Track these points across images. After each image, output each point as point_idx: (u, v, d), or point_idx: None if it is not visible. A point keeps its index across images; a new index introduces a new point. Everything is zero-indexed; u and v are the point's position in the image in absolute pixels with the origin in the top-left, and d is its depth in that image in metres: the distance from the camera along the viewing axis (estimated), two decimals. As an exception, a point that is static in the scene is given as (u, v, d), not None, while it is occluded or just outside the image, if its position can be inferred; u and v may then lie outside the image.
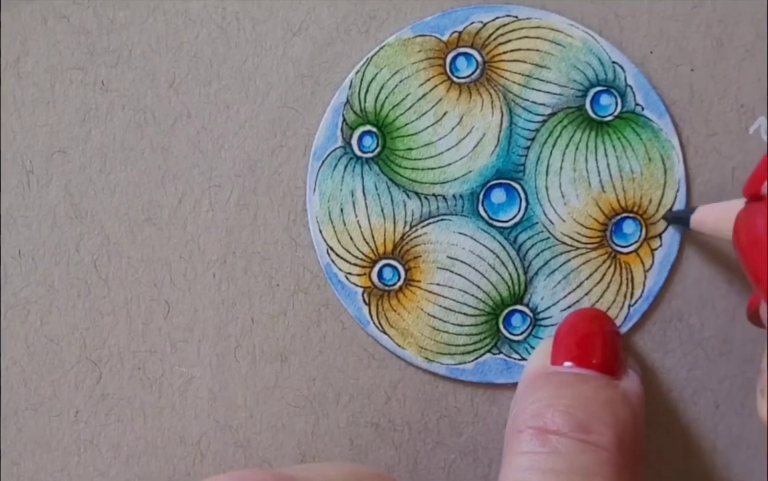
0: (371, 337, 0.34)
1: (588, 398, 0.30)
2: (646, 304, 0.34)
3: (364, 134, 0.34)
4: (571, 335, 0.32)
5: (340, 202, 0.34)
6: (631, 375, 0.32)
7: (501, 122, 0.34)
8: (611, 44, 0.34)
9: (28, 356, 0.35)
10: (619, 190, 0.34)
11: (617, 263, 0.34)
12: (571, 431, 0.29)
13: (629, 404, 0.31)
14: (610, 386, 0.31)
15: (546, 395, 0.30)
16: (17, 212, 0.35)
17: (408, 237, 0.34)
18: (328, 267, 0.34)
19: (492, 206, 0.34)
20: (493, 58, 0.34)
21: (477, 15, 0.34)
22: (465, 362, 0.34)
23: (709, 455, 0.34)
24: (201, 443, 0.35)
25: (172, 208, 0.35)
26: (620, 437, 0.29)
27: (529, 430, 0.30)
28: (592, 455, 0.29)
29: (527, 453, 0.29)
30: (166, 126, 0.35)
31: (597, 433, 0.29)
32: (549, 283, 0.34)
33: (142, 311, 0.35)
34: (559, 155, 0.34)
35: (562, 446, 0.29)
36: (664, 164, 0.34)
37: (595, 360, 0.31)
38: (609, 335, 0.32)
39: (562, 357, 0.32)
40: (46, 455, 0.35)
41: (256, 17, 0.35)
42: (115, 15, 0.35)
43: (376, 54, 0.34)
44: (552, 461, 0.29)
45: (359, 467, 0.33)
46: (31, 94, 0.35)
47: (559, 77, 0.34)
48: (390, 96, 0.34)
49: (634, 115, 0.34)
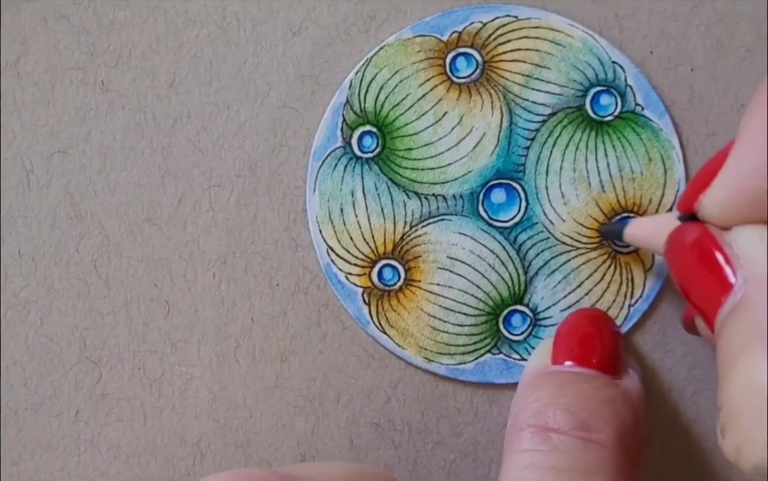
0: (371, 337, 0.34)
1: (589, 396, 0.30)
2: (646, 304, 0.34)
3: (364, 134, 0.34)
4: (571, 334, 0.32)
5: (340, 203, 0.34)
6: (631, 375, 0.32)
7: (501, 122, 0.34)
8: (611, 44, 0.34)
9: (28, 356, 0.35)
10: (619, 190, 0.34)
11: (617, 263, 0.34)
12: (572, 430, 0.29)
13: (630, 403, 0.30)
14: (610, 385, 0.31)
15: (547, 393, 0.30)
16: (17, 212, 0.35)
17: (408, 237, 0.34)
18: (328, 267, 0.34)
19: (492, 206, 0.34)
20: (493, 58, 0.34)
21: (477, 15, 0.34)
22: (465, 362, 0.34)
23: (709, 455, 0.34)
24: (201, 443, 0.35)
25: (172, 208, 0.35)
26: (621, 435, 0.29)
27: (530, 428, 0.29)
28: (593, 453, 0.29)
29: (528, 451, 0.29)
30: (166, 126, 0.35)
31: (598, 431, 0.29)
32: (549, 283, 0.34)
33: (142, 311, 0.35)
34: (559, 155, 0.34)
35: (563, 444, 0.29)
36: (664, 164, 0.34)
37: (595, 360, 0.31)
38: (609, 335, 0.32)
39: (562, 357, 0.32)
40: (46, 455, 0.35)
41: (256, 17, 0.35)
42: (115, 15, 0.35)
43: (375, 54, 0.34)
44: (553, 459, 0.29)
45: (360, 466, 0.33)
46: (31, 94, 0.35)
47: (559, 77, 0.34)
48: (390, 96, 0.34)
49: (634, 115, 0.34)
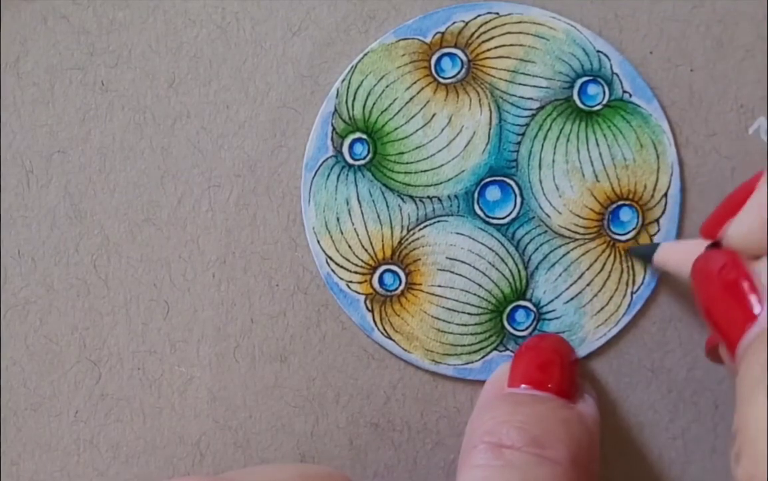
0: (377, 343, 0.34)
1: (544, 416, 0.30)
2: (648, 290, 0.34)
3: (355, 142, 0.34)
4: (529, 361, 0.32)
5: (336, 212, 0.34)
6: (587, 399, 0.32)
7: (490, 119, 0.34)
8: (594, 33, 0.34)
9: (28, 356, 0.35)
10: (613, 178, 0.34)
11: (617, 252, 0.34)
12: (526, 446, 0.29)
13: (585, 425, 0.30)
14: (566, 407, 0.31)
15: (502, 412, 0.30)
16: (17, 212, 0.35)
17: (406, 241, 0.34)
18: (329, 277, 0.34)
19: (487, 204, 0.34)
20: (478, 57, 0.34)
21: (458, 14, 0.34)
22: (472, 361, 0.34)
23: (708, 456, 0.34)
24: (200, 443, 0.35)
25: (172, 208, 0.35)
26: (575, 454, 0.29)
27: (484, 444, 0.29)
28: (547, 470, 0.29)
29: (481, 466, 0.29)
30: (165, 126, 0.35)
31: (552, 448, 0.29)
32: (550, 276, 0.34)
33: (142, 311, 0.35)
34: (550, 148, 0.34)
35: (516, 459, 0.29)
36: (656, 149, 0.34)
37: (551, 384, 0.31)
38: (566, 361, 0.32)
39: (519, 380, 0.32)
40: (45, 455, 0.35)
41: (256, 17, 0.35)
42: (115, 15, 0.35)
43: (360, 61, 0.34)
44: (506, 474, 0.28)
45: (307, 466, 0.33)
46: (31, 94, 0.35)
47: (544, 70, 0.34)
48: (377, 102, 0.34)
49: (623, 102, 0.34)
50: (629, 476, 0.35)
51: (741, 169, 0.34)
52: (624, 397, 0.35)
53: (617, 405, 0.35)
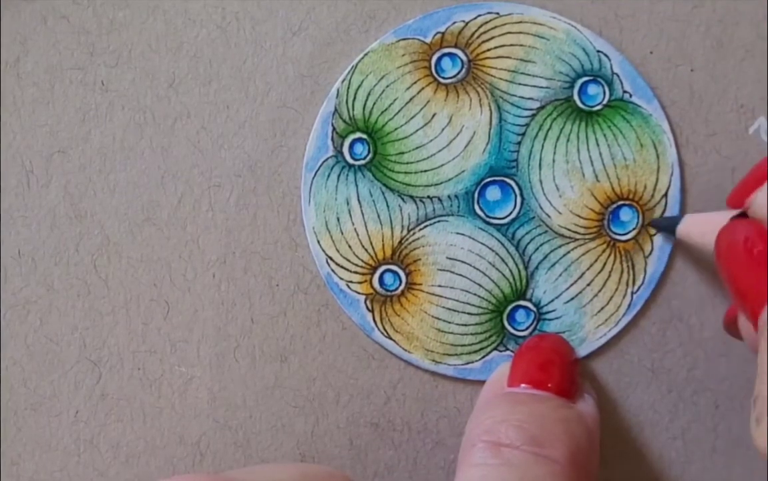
0: (377, 343, 0.34)
1: (542, 415, 0.30)
2: (648, 290, 0.34)
3: (355, 142, 0.34)
4: (529, 360, 0.32)
5: (336, 212, 0.34)
6: (587, 399, 0.32)
7: (490, 119, 0.34)
8: (594, 33, 0.34)
9: (28, 356, 0.35)
10: (613, 178, 0.34)
11: (617, 251, 0.34)
12: (524, 445, 0.29)
13: (584, 425, 0.30)
14: (565, 407, 0.31)
15: (500, 411, 0.30)
16: (17, 212, 0.35)
17: (406, 241, 0.34)
18: (329, 277, 0.34)
19: (488, 204, 0.34)
20: (478, 57, 0.34)
21: (458, 14, 0.34)
22: (472, 361, 0.34)
23: (708, 456, 0.34)
24: (201, 443, 0.35)
25: (172, 208, 0.35)
26: (573, 453, 0.29)
27: (482, 443, 0.29)
28: (545, 468, 0.29)
29: (479, 465, 0.29)
30: (165, 126, 0.35)
31: (550, 447, 0.29)
32: (550, 276, 0.34)
33: (142, 311, 0.35)
34: (550, 148, 0.34)
35: (515, 458, 0.29)
36: (656, 149, 0.34)
37: (551, 384, 0.31)
38: (566, 361, 0.32)
39: (518, 379, 0.32)
40: (45, 455, 0.35)
41: (256, 17, 0.35)
42: (115, 15, 0.35)
43: (360, 61, 0.34)
44: (504, 473, 0.28)
45: (307, 466, 0.33)
46: (31, 94, 0.35)
47: (544, 70, 0.34)
48: (378, 102, 0.34)
49: (623, 102, 0.34)
50: (629, 476, 0.35)
51: (741, 169, 0.34)
52: (624, 397, 0.35)
53: (617, 405, 0.35)
